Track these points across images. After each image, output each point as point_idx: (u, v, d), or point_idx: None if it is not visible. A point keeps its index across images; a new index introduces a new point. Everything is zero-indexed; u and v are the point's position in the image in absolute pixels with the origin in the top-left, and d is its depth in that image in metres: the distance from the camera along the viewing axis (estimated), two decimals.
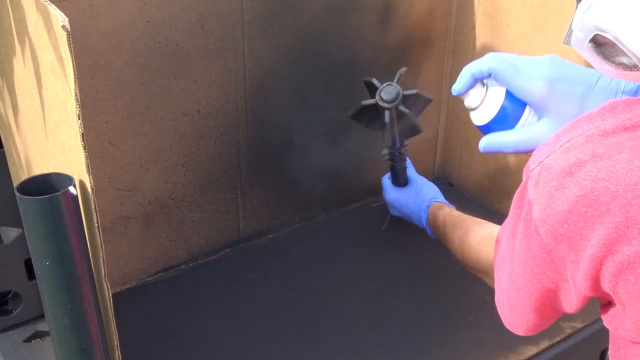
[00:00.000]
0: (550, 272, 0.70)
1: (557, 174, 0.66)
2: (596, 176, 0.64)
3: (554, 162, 0.67)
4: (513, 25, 1.44)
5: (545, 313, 0.78)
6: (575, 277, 0.68)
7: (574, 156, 0.66)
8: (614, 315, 0.70)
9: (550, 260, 0.69)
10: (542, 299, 0.74)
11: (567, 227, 0.65)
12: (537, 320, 0.79)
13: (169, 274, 1.42)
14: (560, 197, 0.65)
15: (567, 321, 1.26)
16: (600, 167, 0.64)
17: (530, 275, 0.73)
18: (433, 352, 1.21)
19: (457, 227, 1.13)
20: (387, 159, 1.31)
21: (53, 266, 0.76)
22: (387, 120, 1.12)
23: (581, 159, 0.65)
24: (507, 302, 0.80)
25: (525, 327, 0.81)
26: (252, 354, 1.21)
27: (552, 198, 0.66)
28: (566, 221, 0.65)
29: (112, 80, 1.19)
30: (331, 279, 1.39)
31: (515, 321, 0.81)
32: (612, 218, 0.62)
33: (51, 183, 0.76)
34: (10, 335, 1.25)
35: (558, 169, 0.66)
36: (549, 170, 0.67)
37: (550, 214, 0.66)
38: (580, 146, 0.66)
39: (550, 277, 0.71)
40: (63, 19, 0.67)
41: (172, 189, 1.35)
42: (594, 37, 0.68)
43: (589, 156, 0.65)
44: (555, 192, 0.66)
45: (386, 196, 1.42)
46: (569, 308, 0.74)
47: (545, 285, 0.72)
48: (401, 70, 1.15)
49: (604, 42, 0.68)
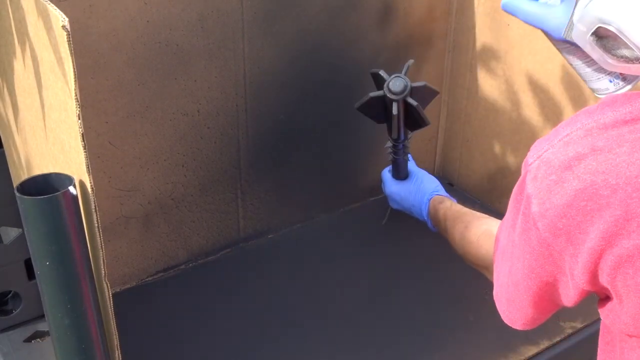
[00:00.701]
0: (549, 265, 0.71)
1: (556, 168, 0.66)
2: (596, 169, 0.64)
3: (553, 156, 0.67)
4: (513, 25, 1.44)
5: (544, 307, 0.78)
6: (574, 271, 0.68)
7: (574, 150, 0.66)
8: (612, 309, 0.70)
9: (549, 254, 0.69)
10: (540, 293, 0.75)
11: (565, 221, 0.66)
12: (536, 314, 0.79)
13: (169, 274, 1.42)
14: (559, 191, 0.66)
15: (567, 321, 1.26)
16: (600, 160, 0.64)
17: (529, 269, 0.73)
18: (433, 352, 1.21)
19: (457, 221, 1.12)
20: (390, 152, 1.29)
21: (53, 266, 0.75)
22: (395, 112, 1.11)
23: (581, 153, 0.65)
24: (506, 296, 0.80)
25: (523, 321, 0.82)
26: (252, 354, 1.21)
27: (551, 192, 0.66)
28: (565, 215, 0.65)
29: (112, 80, 1.19)
30: (331, 278, 1.39)
31: (513, 315, 0.82)
32: (612, 211, 0.62)
33: (51, 183, 0.76)
34: (10, 335, 1.25)
35: (557, 162, 0.66)
36: (548, 164, 0.67)
37: (549, 208, 0.67)
38: (579, 140, 0.66)
39: (549, 271, 0.71)
40: (63, 19, 0.67)
41: (172, 189, 1.35)
42: (596, 29, 0.68)
43: (588, 150, 0.65)
44: (554, 186, 0.66)
45: (386, 189, 1.39)
46: (567, 302, 0.74)
47: (544, 278, 0.73)
48: (409, 62, 1.15)
49: (606, 35, 0.68)
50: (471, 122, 1.62)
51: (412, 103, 1.10)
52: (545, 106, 1.43)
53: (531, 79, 1.44)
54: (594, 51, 0.71)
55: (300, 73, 1.41)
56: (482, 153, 1.62)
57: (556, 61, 1.36)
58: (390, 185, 1.38)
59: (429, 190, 1.30)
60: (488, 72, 1.54)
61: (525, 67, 1.44)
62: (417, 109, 1.11)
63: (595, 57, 0.71)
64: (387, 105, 1.12)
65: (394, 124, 1.16)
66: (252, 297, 1.35)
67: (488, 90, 1.55)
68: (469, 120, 1.63)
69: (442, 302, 1.32)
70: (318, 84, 1.44)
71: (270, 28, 1.33)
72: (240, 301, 1.34)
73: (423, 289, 1.36)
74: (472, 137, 1.63)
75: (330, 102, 1.47)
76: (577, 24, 0.71)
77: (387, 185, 1.39)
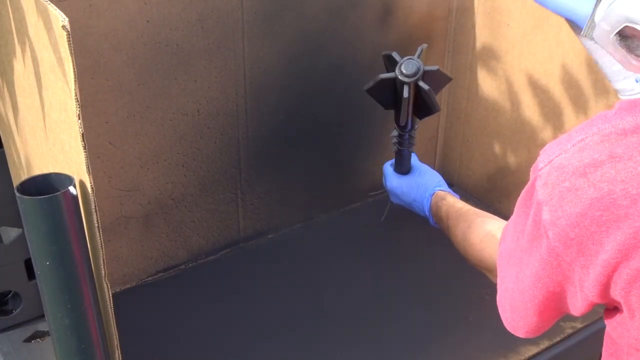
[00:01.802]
0: (557, 275, 0.67)
1: (570, 175, 0.63)
2: (614, 178, 0.60)
3: (566, 162, 0.64)
4: (513, 25, 1.43)
5: (549, 315, 0.75)
6: (584, 283, 0.65)
7: (589, 156, 0.63)
8: (621, 322, 0.67)
9: (557, 264, 0.66)
10: (546, 302, 0.71)
11: (578, 230, 0.62)
12: (540, 322, 0.77)
13: (169, 274, 1.42)
14: (573, 199, 0.62)
15: (567, 321, 1.26)
16: (619, 168, 0.60)
17: (536, 277, 0.70)
18: (433, 352, 1.21)
19: (460, 220, 1.10)
20: (395, 142, 1.25)
21: (53, 266, 0.75)
22: (405, 95, 1.07)
23: (597, 159, 0.62)
24: (510, 303, 0.78)
25: (526, 330, 0.79)
26: (251, 354, 1.21)
27: (563, 199, 0.63)
28: (578, 224, 0.62)
29: (112, 80, 1.19)
30: (331, 278, 1.39)
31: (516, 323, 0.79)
32: (631, 223, 0.59)
33: (51, 183, 0.76)
34: (10, 335, 1.25)
35: (571, 169, 0.63)
36: (561, 170, 0.64)
37: (561, 216, 0.63)
38: (595, 145, 0.63)
39: (556, 281, 0.68)
40: (63, 19, 0.67)
41: (172, 189, 1.35)
42: (622, 29, 0.66)
43: (606, 156, 0.62)
44: (567, 194, 0.63)
45: (388, 183, 1.34)
46: (574, 311, 0.71)
47: (551, 288, 0.69)
48: (423, 46, 1.11)
49: (631, 35, 0.65)
50: (471, 122, 1.62)
51: (423, 87, 1.06)
52: (545, 106, 1.43)
53: (531, 79, 1.44)
54: (616, 52, 0.68)
55: (300, 73, 1.41)
56: (482, 153, 1.62)
57: (556, 61, 1.36)
58: (391, 179, 1.33)
59: (431, 185, 1.26)
60: (488, 72, 1.54)
61: (525, 67, 1.44)
62: (428, 93, 1.07)
63: (618, 57, 0.68)
64: (398, 88, 1.09)
65: (403, 108, 1.12)
66: (252, 297, 1.35)
67: (488, 90, 1.55)
68: (469, 120, 1.63)
69: (442, 302, 1.32)
70: (318, 84, 1.44)
71: (270, 28, 1.33)
72: (240, 301, 1.33)
73: (423, 289, 1.36)
74: (472, 137, 1.63)
75: (330, 102, 1.47)
76: (601, 22, 0.68)
77: (388, 179, 1.34)
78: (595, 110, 1.32)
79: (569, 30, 0.94)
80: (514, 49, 1.45)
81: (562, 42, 1.34)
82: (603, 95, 1.30)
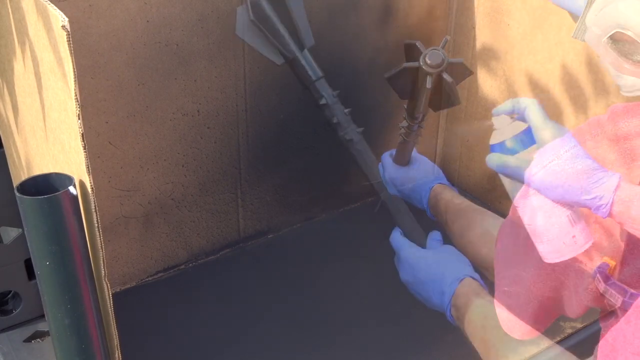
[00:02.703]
0: (552, 281, 0.68)
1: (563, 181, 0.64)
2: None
3: (559, 168, 0.65)
4: (513, 25, 1.43)
5: (545, 317, 0.76)
6: (579, 288, 0.66)
7: (582, 163, 0.64)
8: (617, 328, 0.68)
9: (552, 270, 0.67)
10: (542, 306, 0.73)
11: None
12: (535, 325, 0.77)
13: (169, 274, 1.42)
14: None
15: (567, 321, 1.26)
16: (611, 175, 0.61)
17: (532, 282, 0.71)
18: (432, 352, 1.21)
19: (458, 216, 1.10)
20: (403, 132, 1.25)
21: (53, 266, 0.75)
22: (428, 86, 1.06)
23: (590, 166, 0.63)
24: (506, 304, 0.79)
25: (522, 331, 0.80)
26: (251, 354, 1.21)
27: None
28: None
29: (112, 80, 1.19)
30: (331, 279, 1.39)
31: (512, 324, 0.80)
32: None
33: (51, 183, 0.76)
34: (10, 335, 1.25)
35: (564, 175, 0.64)
36: (554, 176, 0.65)
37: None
38: (588, 152, 0.64)
39: (552, 286, 0.69)
40: (63, 19, 0.67)
41: (172, 189, 1.35)
42: (613, 34, 0.66)
43: (598, 164, 0.63)
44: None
45: (386, 174, 1.33)
46: (571, 314, 0.72)
47: (546, 293, 0.70)
48: (446, 37, 1.11)
49: (622, 39, 0.66)
50: (471, 122, 1.62)
51: (447, 79, 1.06)
52: (545, 106, 1.42)
53: (531, 79, 1.44)
54: (608, 54, 0.68)
55: None
56: (482, 153, 1.62)
57: (556, 61, 1.36)
58: (390, 169, 1.33)
59: (430, 177, 1.26)
60: (488, 72, 1.53)
61: (525, 67, 1.44)
62: (451, 85, 1.06)
63: (609, 60, 0.69)
64: (420, 78, 1.08)
65: (422, 99, 1.11)
66: (252, 297, 1.35)
67: (488, 90, 1.55)
68: (468, 120, 1.63)
69: None
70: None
71: None
72: (240, 301, 1.34)
73: None
74: (472, 137, 1.63)
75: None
76: (592, 26, 0.69)
77: (387, 169, 1.34)
78: (595, 110, 1.32)
79: (569, 31, 0.94)
80: (514, 49, 1.45)
81: (562, 42, 1.34)
82: (603, 95, 1.30)
